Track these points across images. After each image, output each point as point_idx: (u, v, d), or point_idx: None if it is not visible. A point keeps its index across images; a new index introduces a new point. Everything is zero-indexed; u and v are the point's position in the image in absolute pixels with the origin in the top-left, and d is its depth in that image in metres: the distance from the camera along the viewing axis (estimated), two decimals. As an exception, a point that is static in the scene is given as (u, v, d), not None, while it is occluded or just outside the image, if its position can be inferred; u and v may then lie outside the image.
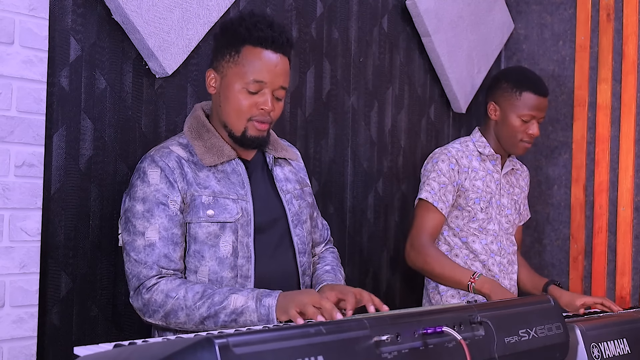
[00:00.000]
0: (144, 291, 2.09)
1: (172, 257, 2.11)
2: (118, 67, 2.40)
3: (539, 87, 3.06)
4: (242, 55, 2.17)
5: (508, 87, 3.06)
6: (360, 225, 3.22)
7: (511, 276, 3.10)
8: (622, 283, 3.48)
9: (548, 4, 3.79)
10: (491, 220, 3.03)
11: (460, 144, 3.09)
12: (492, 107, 3.09)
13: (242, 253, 2.16)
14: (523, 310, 2.03)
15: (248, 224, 2.18)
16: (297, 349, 1.47)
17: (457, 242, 3.00)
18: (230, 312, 2.01)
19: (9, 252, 2.10)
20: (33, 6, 2.13)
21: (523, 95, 3.03)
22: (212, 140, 2.21)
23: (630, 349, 2.34)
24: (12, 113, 2.10)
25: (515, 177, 3.19)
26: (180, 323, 2.07)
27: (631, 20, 3.52)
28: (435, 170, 2.96)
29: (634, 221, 3.49)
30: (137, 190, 2.14)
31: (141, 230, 2.11)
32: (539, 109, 3.04)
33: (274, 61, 2.17)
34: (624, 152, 3.51)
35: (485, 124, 3.13)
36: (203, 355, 1.36)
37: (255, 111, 2.17)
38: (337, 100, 3.12)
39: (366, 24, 3.24)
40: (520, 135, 3.04)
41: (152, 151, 2.20)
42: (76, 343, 2.26)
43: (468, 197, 2.98)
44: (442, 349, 1.73)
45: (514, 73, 3.15)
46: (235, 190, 2.19)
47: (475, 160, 3.04)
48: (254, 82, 2.15)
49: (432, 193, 2.93)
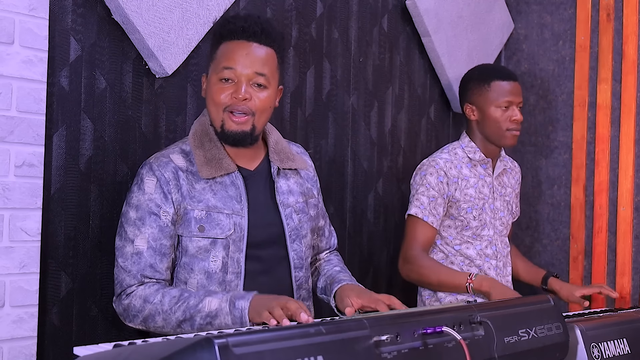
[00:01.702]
0: (123, 297, 2.11)
1: (157, 267, 2.12)
2: (118, 67, 2.40)
3: (505, 73, 3.06)
4: (218, 52, 2.18)
5: (476, 84, 3.05)
6: (360, 225, 3.22)
7: (507, 278, 3.09)
8: (622, 283, 3.48)
9: (548, 4, 3.79)
10: (485, 225, 3.01)
11: (449, 152, 3.04)
12: (469, 108, 3.07)
13: (232, 269, 2.15)
14: (523, 310, 2.03)
15: (241, 239, 2.16)
16: (296, 349, 1.47)
17: (450, 250, 2.98)
18: (205, 315, 2.01)
19: (9, 252, 2.10)
20: (33, 6, 2.13)
21: (492, 85, 3.02)
22: (213, 151, 2.18)
23: (630, 349, 2.34)
24: (12, 113, 2.10)
25: (507, 177, 3.16)
26: (158, 327, 2.08)
27: (631, 20, 3.52)
28: (424, 184, 2.93)
29: (634, 221, 3.49)
30: (133, 196, 2.15)
31: (131, 238, 2.12)
32: (513, 94, 3.02)
33: (245, 48, 2.14)
34: (624, 152, 3.51)
35: (469, 127, 3.09)
36: (203, 355, 1.36)
37: (229, 101, 2.14)
38: (337, 100, 3.12)
39: (366, 24, 3.24)
40: (505, 124, 3.01)
41: (152, 158, 2.19)
42: (76, 343, 2.26)
43: (460, 207, 2.95)
44: (441, 349, 1.73)
45: (477, 70, 3.15)
46: (231, 205, 2.16)
47: (465, 168, 3.01)
48: (223, 69, 2.14)
49: (421, 208, 2.90)
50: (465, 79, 3.15)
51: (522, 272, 3.25)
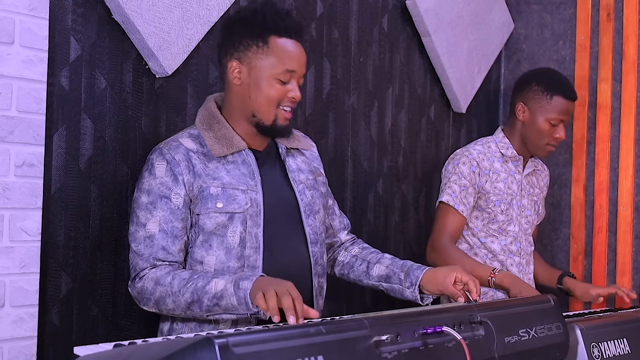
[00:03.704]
0: (137, 280, 2.13)
1: (169, 249, 2.13)
2: (118, 67, 2.40)
3: (570, 92, 3.06)
4: (271, 46, 2.19)
5: (539, 90, 3.05)
6: (361, 224, 3.22)
7: (529, 276, 3.12)
8: (622, 283, 3.48)
9: (548, 4, 3.79)
10: (511, 221, 3.03)
11: (482, 145, 3.08)
12: (521, 107, 3.08)
13: (250, 243, 2.17)
14: (523, 310, 2.03)
15: (257, 214, 2.19)
16: (297, 349, 1.47)
17: (476, 242, 3.01)
18: (212, 296, 2.03)
19: (9, 252, 2.10)
20: (33, 6, 2.13)
21: (554, 99, 3.02)
22: (223, 131, 2.22)
23: (631, 349, 2.34)
24: (12, 113, 2.10)
25: (535, 178, 3.19)
26: (169, 310, 2.10)
27: (631, 20, 3.52)
28: (456, 173, 2.96)
29: (634, 221, 3.48)
30: (144, 181, 2.17)
31: (143, 222, 2.14)
32: (567, 114, 3.05)
33: (300, 50, 2.23)
34: (624, 151, 3.51)
35: (511, 124, 3.11)
36: (203, 355, 1.36)
37: (284, 99, 2.20)
38: (337, 100, 3.12)
39: (366, 24, 3.24)
40: (547, 139, 3.04)
41: (162, 143, 2.22)
42: (76, 343, 2.26)
43: (489, 199, 2.99)
44: (442, 349, 1.73)
45: (546, 76, 3.12)
46: (245, 181, 2.20)
47: (497, 162, 3.04)
48: (287, 71, 2.19)
49: (453, 196, 2.93)
50: (529, 78, 3.14)
51: (539, 272, 3.26)
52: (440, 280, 2.24)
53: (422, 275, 2.28)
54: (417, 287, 2.28)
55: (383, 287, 2.38)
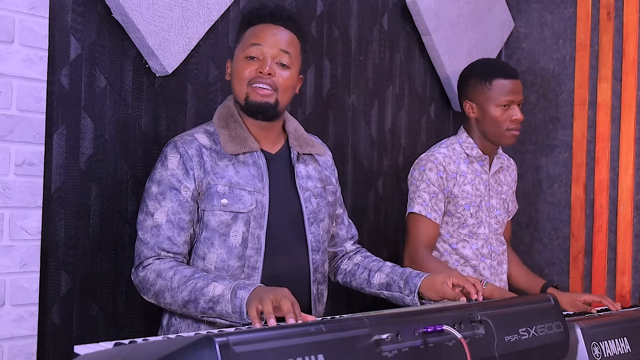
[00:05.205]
0: (140, 269, 2.15)
1: (175, 240, 2.15)
2: (118, 66, 2.40)
3: (507, 71, 3.00)
4: (246, 34, 2.26)
5: (477, 82, 3.00)
6: (361, 223, 3.22)
7: (501, 277, 3.06)
8: (622, 282, 3.48)
9: (548, 3, 3.79)
10: (481, 224, 2.98)
11: (447, 147, 3.00)
12: (469, 106, 3.02)
13: (252, 244, 2.18)
14: (523, 309, 2.03)
15: (262, 216, 2.20)
16: (297, 348, 1.47)
17: (447, 248, 2.96)
18: (208, 299, 2.03)
19: (9, 251, 2.10)
20: (33, 5, 2.13)
21: (494, 84, 2.97)
22: (238, 130, 2.25)
23: (631, 348, 2.34)
24: (12, 112, 2.10)
25: (502, 175, 3.13)
26: (167, 304, 2.11)
27: (631, 19, 3.52)
28: (424, 180, 2.89)
29: (634, 220, 3.49)
30: (156, 172, 2.20)
31: (151, 211, 2.17)
32: (514, 93, 2.98)
33: (272, 29, 2.24)
34: (624, 150, 3.51)
35: (468, 123, 3.05)
36: (203, 353, 1.36)
37: (254, 75, 2.21)
38: (337, 99, 3.12)
39: (366, 23, 3.24)
40: (505, 124, 2.97)
41: (177, 137, 2.25)
42: (76, 342, 2.27)
43: (457, 203, 2.93)
44: (442, 348, 1.73)
45: (478, 66, 3.08)
46: (252, 183, 2.21)
47: (462, 164, 2.98)
48: (251, 45, 2.22)
49: (424, 205, 2.87)
50: (464, 75, 3.09)
51: (517, 276, 3.20)
52: (438, 287, 2.26)
53: (420, 283, 2.30)
54: (417, 294, 2.30)
55: (384, 295, 2.39)
